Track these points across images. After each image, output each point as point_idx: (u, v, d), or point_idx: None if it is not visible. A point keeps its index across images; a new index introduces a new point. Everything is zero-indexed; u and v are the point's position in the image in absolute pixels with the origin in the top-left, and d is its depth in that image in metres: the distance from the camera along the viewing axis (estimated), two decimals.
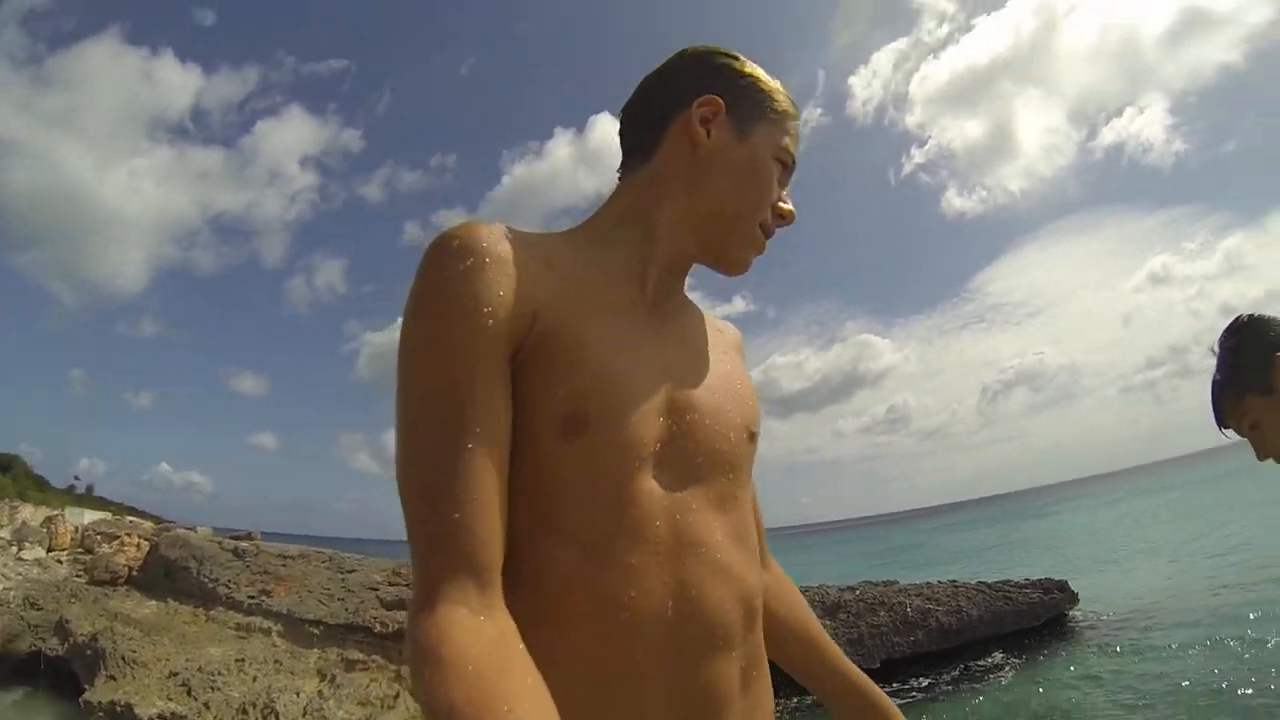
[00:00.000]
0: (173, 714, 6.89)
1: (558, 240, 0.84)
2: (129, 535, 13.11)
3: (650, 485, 0.75)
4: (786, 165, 0.90)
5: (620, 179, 0.91)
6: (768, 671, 0.85)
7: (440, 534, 0.64)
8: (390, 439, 0.71)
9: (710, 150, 0.86)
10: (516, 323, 0.72)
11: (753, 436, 0.86)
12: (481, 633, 0.59)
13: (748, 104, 0.88)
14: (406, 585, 8.72)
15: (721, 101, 0.86)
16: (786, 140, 0.89)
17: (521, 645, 0.61)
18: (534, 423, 0.72)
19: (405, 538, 0.66)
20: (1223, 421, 1.42)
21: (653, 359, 0.80)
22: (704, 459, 0.80)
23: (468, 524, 0.64)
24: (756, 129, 0.87)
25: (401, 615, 8.70)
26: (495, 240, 0.74)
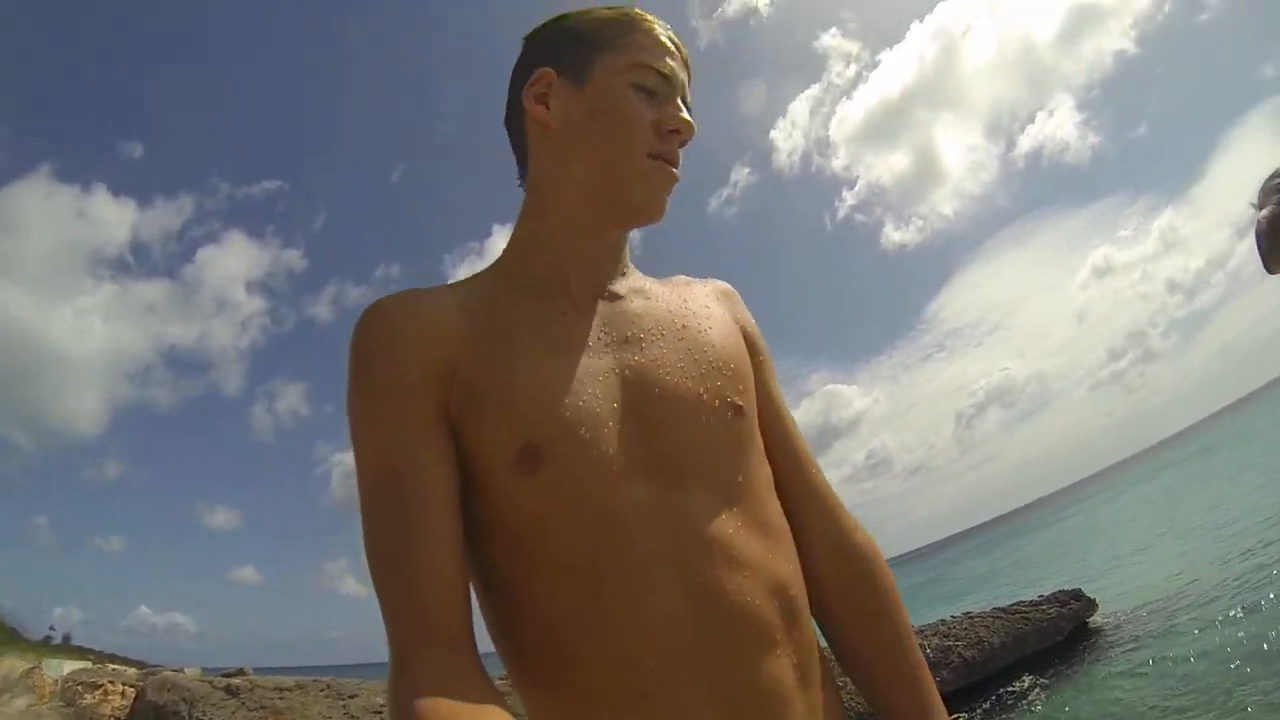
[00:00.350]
0: None
1: (477, 282, 0.83)
2: (112, 683, 12.54)
3: (633, 496, 0.71)
4: (648, 86, 0.82)
5: None
6: (828, 666, 0.81)
7: (401, 608, 0.65)
8: None
9: (558, 121, 0.82)
10: (437, 383, 0.72)
11: (738, 410, 0.79)
12: (454, 689, 0.59)
13: (573, 51, 0.83)
14: None
15: (550, 69, 0.83)
16: (639, 55, 0.82)
17: (494, 698, 0.60)
18: (490, 472, 0.71)
19: None
20: (1271, 263, 1.30)
21: (598, 365, 0.77)
22: (688, 451, 0.75)
23: (422, 595, 0.65)
24: (591, 69, 0.82)
25: None
26: (398, 311, 0.75)
